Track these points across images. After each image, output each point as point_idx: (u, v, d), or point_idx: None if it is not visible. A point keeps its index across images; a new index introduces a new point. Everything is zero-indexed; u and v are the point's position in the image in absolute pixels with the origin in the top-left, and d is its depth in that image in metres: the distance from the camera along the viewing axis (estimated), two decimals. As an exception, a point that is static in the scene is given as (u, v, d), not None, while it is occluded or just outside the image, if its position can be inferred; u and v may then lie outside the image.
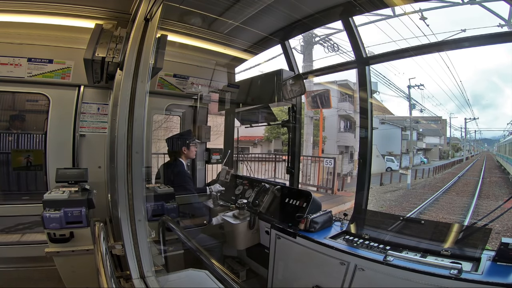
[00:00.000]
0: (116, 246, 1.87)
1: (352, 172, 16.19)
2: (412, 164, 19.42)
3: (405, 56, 2.76)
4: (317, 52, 5.21)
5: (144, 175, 1.82)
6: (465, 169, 18.10)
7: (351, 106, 19.33)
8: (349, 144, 19.79)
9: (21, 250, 2.77)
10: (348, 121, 20.53)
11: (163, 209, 2.68)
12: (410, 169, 15.44)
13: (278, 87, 3.34)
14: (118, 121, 1.74)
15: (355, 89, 17.63)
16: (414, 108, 19.10)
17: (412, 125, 19.76)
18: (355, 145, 18.42)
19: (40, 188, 3.21)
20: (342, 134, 20.15)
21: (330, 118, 19.00)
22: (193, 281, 1.78)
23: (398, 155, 20.12)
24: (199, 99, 3.93)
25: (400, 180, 14.66)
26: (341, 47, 9.98)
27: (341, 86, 18.27)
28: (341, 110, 19.10)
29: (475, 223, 2.10)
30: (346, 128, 20.72)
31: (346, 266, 2.06)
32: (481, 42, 2.34)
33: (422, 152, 23.12)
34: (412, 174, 14.78)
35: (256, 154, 13.27)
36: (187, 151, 3.52)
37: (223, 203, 3.48)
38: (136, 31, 1.82)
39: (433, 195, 10.64)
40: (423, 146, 23.23)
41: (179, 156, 3.51)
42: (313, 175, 10.92)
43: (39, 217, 2.28)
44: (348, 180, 13.23)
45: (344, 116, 20.06)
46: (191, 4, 2.79)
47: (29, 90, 3.05)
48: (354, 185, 13.07)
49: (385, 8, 2.72)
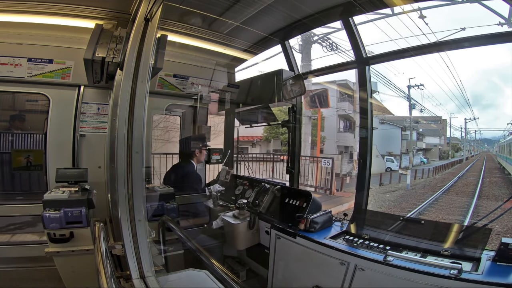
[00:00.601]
0: (116, 246, 1.87)
1: (352, 172, 15.94)
2: (412, 164, 19.24)
3: (405, 56, 2.76)
4: (316, 51, 5.23)
5: (144, 175, 1.82)
6: (465, 169, 17.97)
7: (350, 106, 19.14)
8: (349, 144, 19.59)
9: (21, 250, 2.77)
10: (347, 121, 20.37)
11: (163, 209, 2.68)
12: (410, 169, 15.35)
13: (278, 87, 3.34)
14: (118, 121, 1.74)
15: (355, 89, 17.53)
16: (414, 108, 18.93)
17: (412, 125, 19.55)
18: (355, 145, 18.08)
19: (34, 188, 3.21)
20: (342, 134, 20.02)
21: (330, 118, 18.82)
22: (193, 281, 1.78)
23: (398, 155, 19.94)
24: (199, 99, 3.93)
25: (400, 180, 14.58)
26: (339, 46, 9.94)
27: (340, 86, 18.16)
28: (340, 110, 18.96)
29: (475, 223, 2.10)
30: (345, 128, 20.57)
31: (346, 266, 2.06)
32: (481, 42, 2.34)
33: (422, 152, 22.99)
34: (411, 174, 14.63)
35: (254, 154, 13.26)
36: (199, 154, 3.68)
37: (223, 203, 3.48)
38: (136, 31, 1.82)
39: (433, 196, 10.55)
40: (423, 146, 23.09)
41: (191, 158, 3.66)
42: (311, 175, 10.88)
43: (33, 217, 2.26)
44: (347, 180, 13.12)
45: (343, 116, 19.89)
46: (191, 4, 2.79)
47: (29, 90, 3.05)
48: (353, 185, 12.68)
49: (385, 8, 2.71)
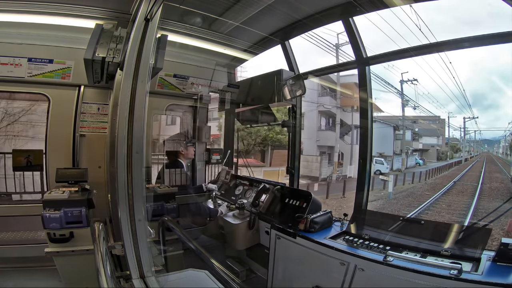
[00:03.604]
0: (116, 246, 1.87)
1: (332, 176, 13.96)
2: (405, 166, 17.19)
3: (406, 56, 2.76)
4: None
5: (144, 175, 1.82)
6: (462, 173, 15.43)
7: (332, 101, 16.82)
8: (331, 144, 17.04)
9: (21, 250, 2.77)
10: (329, 117, 17.84)
11: (163, 209, 2.68)
12: (394, 174, 13.26)
13: (278, 87, 3.34)
14: (118, 121, 1.74)
15: (338, 82, 15.31)
16: (408, 105, 16.54)
17: (405, 123, 17.35)
18: (338, 145, 16.24)
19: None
20: (323, 132, 17.50)
21: (309, 114, 16.20)
22: (193, 281, 1.78)
23: (390, 156, 17.35)
24: (199, 99, 3.94)
25: (385, 186, 11.89)
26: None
27: (321, 79, 15.53)
28: (321, 105, 16.62)
29: (475, 223, 2.10)
30: (327, 126, 17.99)
31: (346, 266, 2.06)
32: (481, 42, 2.34)
33: (419, 153, 21.63)
34: (401, 179, 13.05)
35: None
36: (185, 151, 3.67)
37: (222, 203, 3.48)
38: (136, 31, 1.82)
39: (416, 209, 8.26)
40: (419, 147, 21.71)
41: (177, 157, 3.65)
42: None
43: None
44: (329, 185, 11.50)
45: (324, 112, 17.39)
46: (191, 4, 2.79)
47: (29, 90, 3.05)
48: (336, 190, 11.27)
49: (385, 9, 2.71)
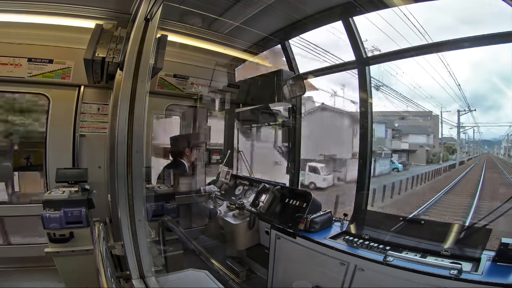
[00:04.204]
0: (116, 246, 1.87)
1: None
2: (373, 174, 11.63)
3: (406, 56, 2.76)
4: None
5: (144, 175, 1.82)
6: (452, 183, 11.01)
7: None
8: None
9: (21, 250, 2.77)
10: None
11: (163, 209, 2.68)
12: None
13: (278, 87, 3.33)
14: (118, 121, 1.74)
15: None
16: (379, 89, 11.52)
17: (379, 119, 12.27)
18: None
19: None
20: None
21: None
22: (193, 281, 1.78)
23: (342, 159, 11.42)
24: (199, 99, 3.93)
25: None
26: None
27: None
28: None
29: (475, 224, 2.10)
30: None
31: (346, 266, 2.06)
32: (481, 42, 2.34)
33: (399, 154, 15.54)
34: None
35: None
36: (189, 153, 3.66)
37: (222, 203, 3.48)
38: (136, 31, 1.82)
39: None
40: (402, 147, 16.21)
41: (180, 157, 3.64)
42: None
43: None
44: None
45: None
46: (191, 4, 2.79)
47: (29, 90, 3.05)
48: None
49: (386, 9, 2.71)
